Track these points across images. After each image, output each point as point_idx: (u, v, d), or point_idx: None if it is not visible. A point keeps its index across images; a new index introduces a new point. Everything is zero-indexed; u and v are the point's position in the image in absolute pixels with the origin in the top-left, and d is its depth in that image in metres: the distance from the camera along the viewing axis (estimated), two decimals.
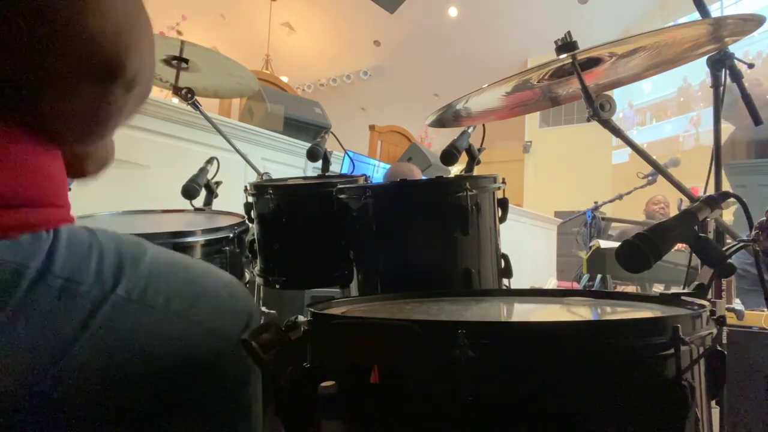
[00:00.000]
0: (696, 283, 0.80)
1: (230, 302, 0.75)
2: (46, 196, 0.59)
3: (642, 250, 0.70)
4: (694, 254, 0.76)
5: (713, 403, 0.64)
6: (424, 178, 2.82)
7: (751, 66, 1.35)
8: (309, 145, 1.67)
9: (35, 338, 0.55)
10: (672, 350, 0.54)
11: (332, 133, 1.98)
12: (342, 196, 1.19)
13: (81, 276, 0.58)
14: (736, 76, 1.28)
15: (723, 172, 1.26)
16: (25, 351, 0.55)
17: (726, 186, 0.99)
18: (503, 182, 1.21)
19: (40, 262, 0.55)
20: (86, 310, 0.58)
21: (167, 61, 1.70)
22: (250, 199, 1.37)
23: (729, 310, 1.63)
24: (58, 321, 0.56)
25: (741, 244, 0.83)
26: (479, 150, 1.37)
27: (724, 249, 0.77)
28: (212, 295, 0.73)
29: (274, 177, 1.72)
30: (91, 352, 0.59)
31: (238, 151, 1.84)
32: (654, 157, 1.09)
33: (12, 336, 0.54)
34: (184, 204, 1.67)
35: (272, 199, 1.28)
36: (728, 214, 2.69)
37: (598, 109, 0.97)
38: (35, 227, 0.56)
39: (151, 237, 1.20)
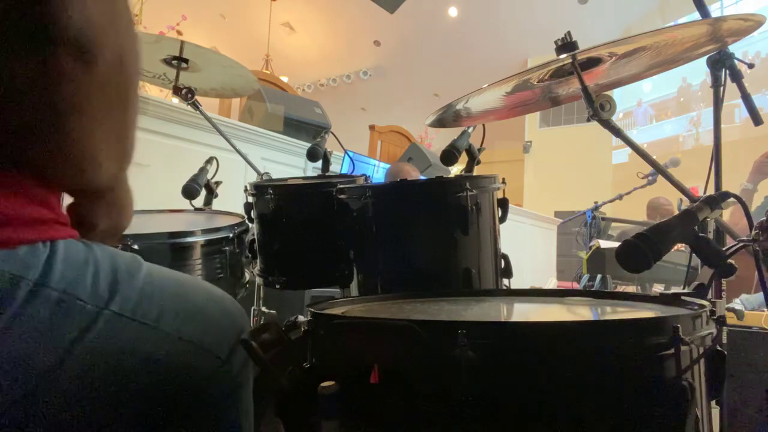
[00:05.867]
0: (696, 283, 0.80)
1: (221, 320, 0.74)
2: (39, 212, 0.58)
3: (642, 250, 0.70)
4: (694, 254, 0.76)
5: (713, 403, 0.64)
6: (422, 177, 2.82)
7: (751, 66, 1.35)
8: (309, 145, 1.67)
9: (29, 349, 0.54)
10: (672, 350, 0.54)
11: (332, 133, 1.98)
12: (342, 196, 1.19)
13: (77, 289, 0.58)
14: (736, 76, 1.28)
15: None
16: (19, 361, 0.54)
17: (730, 187, 0.98)
18: (503, 182, 1.21)
19: (37, 274, 0.55)
20: (81, 323, 0.58)
21: (167, 61, 1.70)
22: (250, 199, 1.37)
23: (729, 310, 1.63)
24: (53, 333, 0.56)
25: (741, 244, 0.83)
26: (479, 150, 1.37)
27: (724, 249, 0.77)
28: (204, 313, 0.72)
29: (274, 177, 1.72)
30: (83, 366, 0.58)
31: (238, 151, 1.84)
32: (654, 157, 1.09)
33: (6, 346, 0.53)
34: (184, 204, 1.66)
35: (272, 199, 1.28)
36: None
37: (598, 109, 0.97)
38: (32, 240, 0.56)
39: (150, 237, 1.21)
